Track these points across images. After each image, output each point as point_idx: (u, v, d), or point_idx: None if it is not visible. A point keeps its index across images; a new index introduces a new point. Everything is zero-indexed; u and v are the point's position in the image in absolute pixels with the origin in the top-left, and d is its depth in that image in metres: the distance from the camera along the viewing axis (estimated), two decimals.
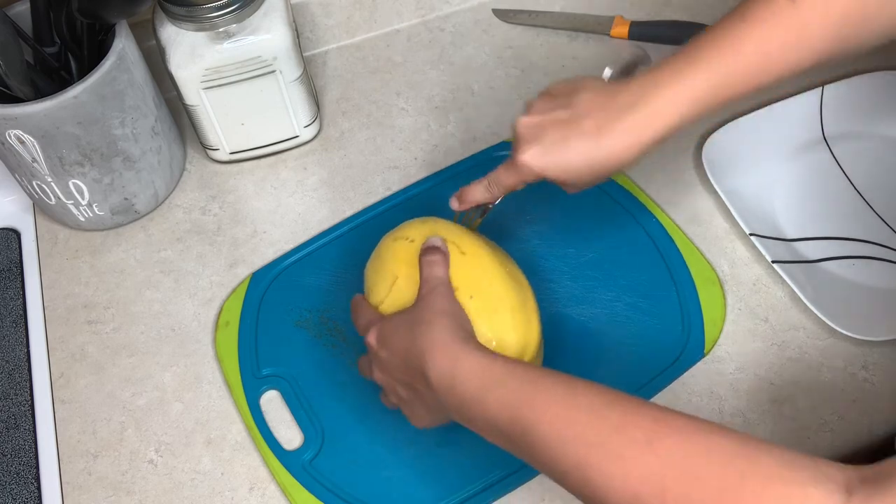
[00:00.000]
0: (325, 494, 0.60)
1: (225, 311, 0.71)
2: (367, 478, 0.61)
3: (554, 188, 0.59)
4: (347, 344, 0.68)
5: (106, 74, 0.67)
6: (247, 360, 0.68)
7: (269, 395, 0.67)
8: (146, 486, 0.63)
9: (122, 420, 0.67)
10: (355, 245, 0.74)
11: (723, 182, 0.72)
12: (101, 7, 0.66)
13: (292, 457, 0.62)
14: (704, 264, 0.70)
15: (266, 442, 0.63)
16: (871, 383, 0.63)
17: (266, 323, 0.70)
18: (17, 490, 0.64)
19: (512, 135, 0.59)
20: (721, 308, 0.67)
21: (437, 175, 0.78)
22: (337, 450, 0.63)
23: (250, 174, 0.81)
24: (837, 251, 0.70)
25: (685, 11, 0.89)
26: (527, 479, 0.60)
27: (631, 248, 0.71)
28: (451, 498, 0.60)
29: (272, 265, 0.73)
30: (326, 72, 0.89)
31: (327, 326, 0.69)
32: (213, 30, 0.70)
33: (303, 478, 0.61)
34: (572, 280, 0.70)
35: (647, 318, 0.67)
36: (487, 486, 0.60)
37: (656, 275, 0.69)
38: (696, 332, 0.66)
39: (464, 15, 0.92)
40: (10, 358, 0.71)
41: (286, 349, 0.68)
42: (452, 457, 0.61)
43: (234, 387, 0.66)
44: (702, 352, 0.65)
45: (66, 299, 0.74)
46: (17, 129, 0.66)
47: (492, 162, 0.73)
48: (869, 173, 0.74)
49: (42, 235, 0.79)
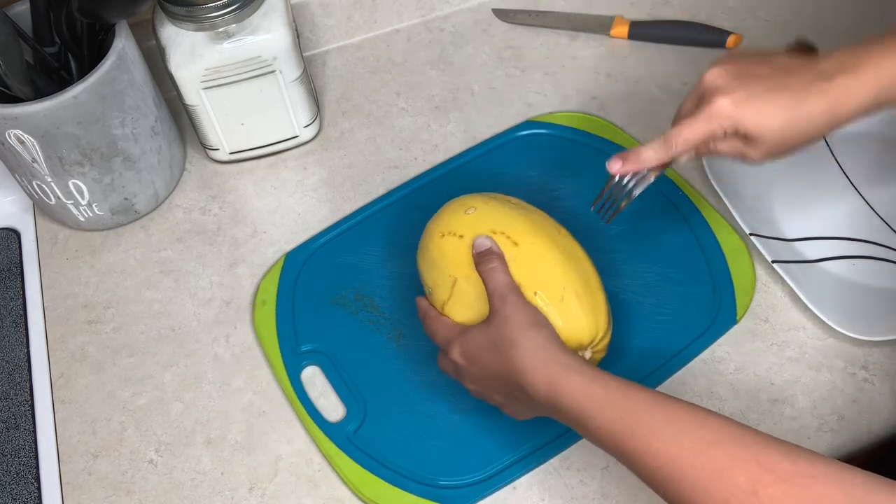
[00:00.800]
0: (370, 464, 0.62)
1: (262, 291, 0.72)
2: (411, 447, 0.63)
3: (581, 170, 0.56)
4: (385, 319, 0.70)
5: (106, 74, 0.67)
6: (286, 337, 0.69)
7: (309, 370, 0.67)
8: (146, 486, 0.63)
9: (122, 420, 0.67)
10: (389, 223, 0.76)
11: (723, 182, 0.72)
12: (101, 7, 0.66)
13: (336, 428, 0.64)
14: (732, 234, 0.71)
15: (310, 415, 0.65)
16: (871, 383, 0.63)
17: (303, 301, 0.71)
18: (17, 490, 0.64)
19: (701, 86, 0.55)
20: (751, 275, 0.69)
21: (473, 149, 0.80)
22: (379, 421, 0.64)
23: (250, 174, 0.81)
24: (837, 251, 0.70)
25: (685, 11, 0.89)
26: (565, 446, 0.62)
27: (658, 219, 0.72)
28: (494, 465, 0.62)
29: (306, 245, 0.75)
30: (326, 72, 0.89)
31: (363, 303, 0.71)
32: (213, 30, 0.70)
33: (348, 448, 0.63)
34: (602, 253, 0.70)
35: (678, 287, 0.68)
36: (530, 452, 0.62)
37: (684, 245, 0.71)
38: (727, 299, 0.67)
39: (464, 15, 0.92)
40: (10, 358, 0.71)
41: (324, 326, 0.70)
42: (494, 424, 0.63)
43: (275, 363, 0.68)
44: (734, 319, 0.67)
45: (66, 299, 0.74)
46: (17, 129, 0.66)
47: (516, 142, 0.79)
48: (869, 173, 0.74)
49: (42, 235, 0.79)
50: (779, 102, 0.52)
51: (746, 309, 0.67)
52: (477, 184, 0.76)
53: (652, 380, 0.64)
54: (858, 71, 0.51)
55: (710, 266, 0.69)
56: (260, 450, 0.64)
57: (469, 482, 0.61)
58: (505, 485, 0.61)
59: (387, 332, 0.69)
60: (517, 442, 0.62)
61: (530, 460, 0.61)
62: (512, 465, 0.61)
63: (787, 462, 0.42)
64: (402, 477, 0.61)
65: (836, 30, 0.85)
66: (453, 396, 0.64)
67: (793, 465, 0.41)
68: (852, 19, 0.86)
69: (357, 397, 0.66)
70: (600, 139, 0.79)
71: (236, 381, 0.68)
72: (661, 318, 0.67)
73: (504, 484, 0.61)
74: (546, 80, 0.85)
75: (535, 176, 0.77)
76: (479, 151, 0.80)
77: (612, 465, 0.61)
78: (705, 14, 0.88)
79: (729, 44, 0.84)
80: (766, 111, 0.52)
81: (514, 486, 0.61)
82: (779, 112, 0.52)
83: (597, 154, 0.77)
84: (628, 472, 0.60)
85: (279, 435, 0.65)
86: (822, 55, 0.54)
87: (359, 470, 0.62)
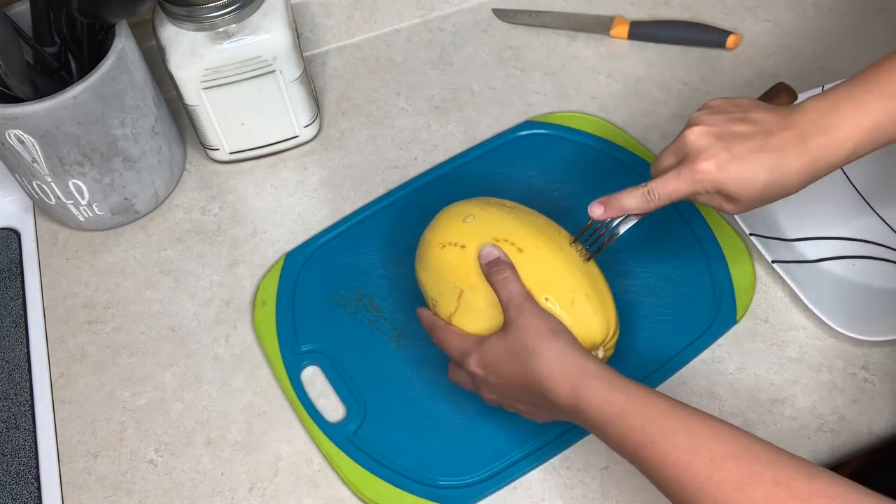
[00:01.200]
0: (370, 464, 0.62)
1: (262, 291, 0.72)
2: (411, 447, 0.63)
3: (581, 170, 0.56)
4: (384, 319, 0.70)
5: (106, 74, 0.67)
6: (286, 337, 0.69)
7: (309, 370, 0.68)
8: (146, 486, 0.63)
9: (122, 420, 0.67)
10: (388, 224, 0.76)
11: None
12: (101, 7, 0.66)
13: (336, 429, 0.64)
14: (732, 234, 0.71)
15: (310, 415, 0.65)
16: (871, 383, 0.63)
17: (302, 301, 0.71)
18: (17, 490, 0.64)
19: (684, 146, 0.56)
20: (751, 276, 0.69)
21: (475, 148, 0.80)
22: (379, 421, 0.64)
23: (250, 174, 0.81)
24: (837, 251, 0.70)
25: (685, 11, 0.89)
26: (565, 446, 0.62)
27: (658, 221, 0.71)
28: (494, 465, 0.62)
29: (306, 245, 0.75)
30: (326, 72, 0.89)
31: (363, 303, 0.71)
32: (213, 30, 0.70)
33: (348, 448, 0.63)
34: (602, 253, 0.69)
35: (678, 287, 0.69)
36: (530, 453, 0.62)
37: (685, 246, 0.71)
38: (727, 299, 0.68)
39: (464, 15, 0.92)
40: (10, 358, 0.71)
41: (324, 326, 0.70)
42: (493, 425, 0.63)
43: (275, 363, 0.68)
44: (734, 319, 0.67)
45: (66, 299, 0.74)
46: (17, 129, 0.66)
47: (516, 142, 0.80)
48: (869, 173, 0.74)
49: (42, 235, 0.79)
50: (761, 164, 0.54)
51: (746, 309, 0.67)
52: (476, 184, 0.77)
53: (652, 380, 0.64)
54: (834, 131, 0.53)
55: (710, 266, 0.70)
56: (260, 450, 0.64)
57: (469, 482, 0.61)
58: (505, 485, 0.61)
59: (387, 332, 0.69)
60: (517, 442, 0.62)
61: (530, 460, 0.62)
62: (512, 465, 0.61)
63: (805, 481, 0.42)
64: (402, 477, 0.61)
65: (837, 29, 0.85)
66: (453, 397, 0.64)
67: (810, 485, 0.42)
68: (852, 19, 0.87)
69: (357, 397, 0.66)
70: (600, 139, 0.79)
71: (236, 381, 0.68)
72: (662, 317, 0.67)
73: (504, 484, 0.61)
74: (546, 80, 0.85)
75: (534, 176, 0.77)
76: (479, 152, 0.80)
77: (612, 465, 0.61)
78: (705, 14, 0.88)
79: (729, 44, 0.84)
80: (748, 174, 0.54)
81: (515, 486, 0.61)
82: (761, 174, 0.54)
83: (596, 154, 0.78)
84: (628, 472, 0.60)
85: (279, 435, 0.65)
86: (799, 107, 0.55)
87: (359, 470, 0.62)
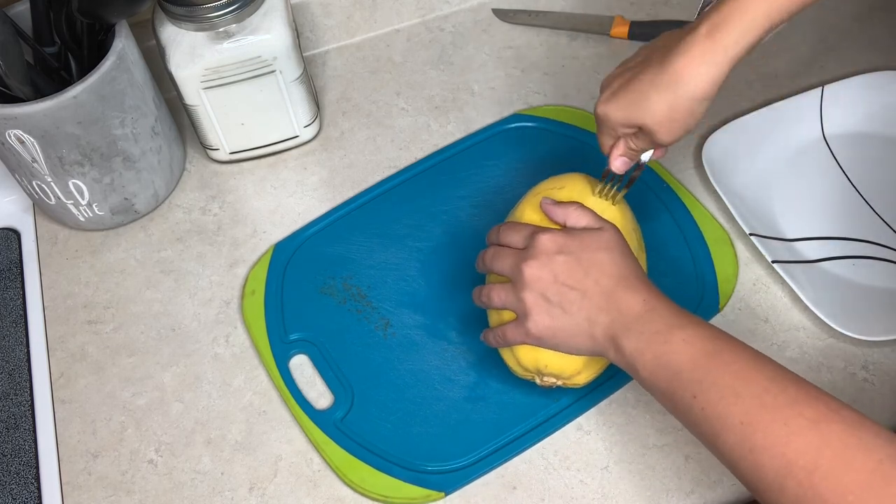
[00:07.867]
0: (357, 450, 0.63)
1: (250, 280, 0.73)
2: (398, 434, 0.64)
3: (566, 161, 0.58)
4: (372, 309, 0.70)
5: (106, 74, 0.67)
6: (274, 327, 0.70)
7: (297, 359, 0.68)
8: (146, 486, 0.63)
9: (122, 420, 0.67)
10: (376, 214, 0.76)
11: (723, 182, 0.72)
12: (101, 7, 0.66)
13: (324, 416, 0.65)
14: (714, 224, 0.72)
15: (297, 403, 0.65)
16: (871, 383, 0.63)
17: (291, 291, 0.72)
18: (17, 490, 0.64)
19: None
20: (733, 265, 0.70)
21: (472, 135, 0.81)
22: (367, 408, 0.65)
23: (250, 174, 0.81)
24: (837, 251, 0.70)
25: (685, 11, 0.89)
26: (548, 433, 0.63)
27: (642, 211, 0.72)
28: (479, 451, 0.62)
29: (294, 235, 0.76)
30: (326, 72, 0.89)
31: (351, 293, 0.71)
32: (213, 30, 0.70)
33: (335, 435, 0.64)
34: None
35: (662, 277, 0.68)
36: (514, 438, 0.63)
37: (669, 236, 0.72)
38: (710, 289, 0.69)
39: (464, 15, 0.92)
40: (10, 358, 0.71)
41: (312, 315, 0.70)
42: (479, 412, 0.64)
43: (263, 352, 0.68)
44: (717, 307, 0.68)
45: (66, 299, 0.74)
46: (17, 129, 0.66)
47: (504, 133, 0.81)
48: (869, 173, 0.74)
49: (42, 235, 0.79)
50: (656, 85, 0.54)
51: (728, 298, 0.68)
52: (464, 175, 0.77)
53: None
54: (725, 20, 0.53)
55: (693, 256, 0.70)
56: (260, 450, 0.64)
57: (455, 467, 0.62)
58: (489, 470, 0.62)
59: (374, 321, 0.70)
60: (502, 428, 0.63)
61: (515, 445, 0.62)
62: (497, 451, 0.62)
63: (856, 414, 0.45)
64: (390, 463, 0.62)
65: (837, 29, 0.85)
66: (440, 384, 0.65)
67: (859, 416, 0.44)
68: (852, 18, 0.86)
69: (344, 385, 0.66)
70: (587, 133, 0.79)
71: (236, 380, 0.68)
72: None
73: (489, 469, 0.62)
74: (546, 80, 0.85)
75: (522, 168, 0.77)
76: (467, 144, 0.80)
77: (612, 464, 0.61)
78: None
79: None
80: (645, 107, 0.55)
81: (514, 486, 0.61)
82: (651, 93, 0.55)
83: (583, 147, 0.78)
84: (628, 471, 0.60)
85: (279, 435, 0.65)
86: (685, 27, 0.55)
87: (346, 456, 0.63)
